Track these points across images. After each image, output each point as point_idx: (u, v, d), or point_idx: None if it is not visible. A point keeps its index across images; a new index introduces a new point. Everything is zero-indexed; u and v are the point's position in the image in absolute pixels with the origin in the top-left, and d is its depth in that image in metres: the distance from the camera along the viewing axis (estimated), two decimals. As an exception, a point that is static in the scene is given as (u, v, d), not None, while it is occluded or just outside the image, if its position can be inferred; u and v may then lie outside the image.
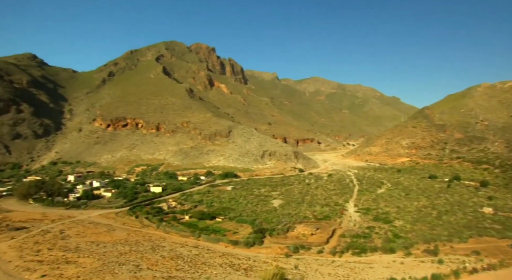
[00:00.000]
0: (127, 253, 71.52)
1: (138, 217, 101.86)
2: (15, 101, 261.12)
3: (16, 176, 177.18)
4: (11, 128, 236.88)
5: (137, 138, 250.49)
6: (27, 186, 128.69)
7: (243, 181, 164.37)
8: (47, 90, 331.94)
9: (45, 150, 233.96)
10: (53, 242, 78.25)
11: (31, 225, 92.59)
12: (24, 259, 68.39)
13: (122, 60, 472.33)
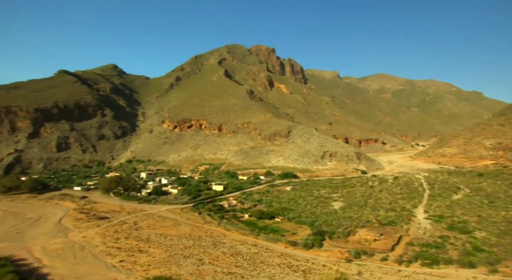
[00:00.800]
0: (191, 247, 76.00)
1: (201, 213, 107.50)
2: (100, 106, 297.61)
3: (100, 172, 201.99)
4: (97, 130, 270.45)
5: (201, 139, 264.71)
6: (109, 181, 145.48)
7: (303, 181, 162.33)
8: (125, 95, 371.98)
9: (122, 149, 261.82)
10: (129, 232, 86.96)
11: (111, 216, 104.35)
12: (106, 245, 77.35)
13: (188, 65, 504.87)
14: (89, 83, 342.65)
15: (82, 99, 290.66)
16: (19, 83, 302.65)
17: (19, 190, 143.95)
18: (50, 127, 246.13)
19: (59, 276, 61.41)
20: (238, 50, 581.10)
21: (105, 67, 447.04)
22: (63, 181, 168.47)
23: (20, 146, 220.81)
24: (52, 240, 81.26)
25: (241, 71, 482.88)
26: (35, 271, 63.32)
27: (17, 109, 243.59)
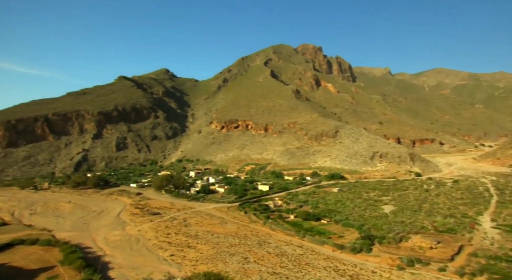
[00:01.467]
0: (236, 245, 77.48)
1: (247, 212, 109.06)
2: (154, 109, 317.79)
3: (153, 170, 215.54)
4: (151, 131, 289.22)
5: (247, 139, 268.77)
6: (161, 179, 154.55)
7: (350, 183, 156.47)
8: (176, 98, 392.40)
9: (173, 149, 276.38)
10: (179, 228, 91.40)
11: (163, 212, 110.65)
12: (158, 239, 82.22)
13: (235, 66, 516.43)
14: (144, 87, 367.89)
15: (138, 102, 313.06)
16: (86, 89, 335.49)
17: (86, 186, 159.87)
18: (111, 129, 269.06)
19: (118, 265, 66.77)
20: (284, 50, 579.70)
21: (158, 72, 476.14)
22: (121, 178, 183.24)
23: (87, 146, 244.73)
24: (112, 232, 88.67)
25: (287, 71, 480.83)
26: (99, 259, 69.69)
27: (84, 113, 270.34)
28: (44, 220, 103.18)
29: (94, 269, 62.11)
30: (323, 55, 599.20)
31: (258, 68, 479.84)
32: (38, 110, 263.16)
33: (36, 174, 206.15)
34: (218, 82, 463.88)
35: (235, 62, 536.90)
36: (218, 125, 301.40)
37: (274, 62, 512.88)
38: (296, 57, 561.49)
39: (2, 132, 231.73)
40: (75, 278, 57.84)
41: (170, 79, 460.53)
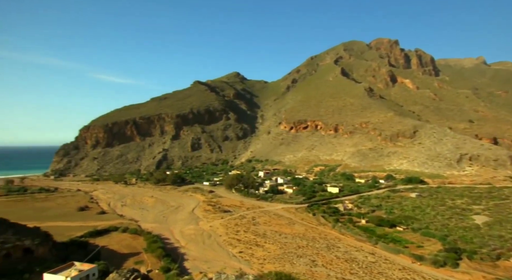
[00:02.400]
0: (304, 247, 76.21)
1: (315, 214, 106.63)
2: (225, 110, 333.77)
3: (224, 169, 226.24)
4: (222, 132, 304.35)
5: (316, 139, 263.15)
6: (231, 178, 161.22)
7: (432, 188, 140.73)
8: (246, 100, 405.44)
9: (243, 149, 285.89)
10: (247, 226, 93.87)
11: (233, 210, 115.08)
12: (228, 236, 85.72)
13: (304, 66, 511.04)
14: (217, 90, 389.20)
15: (211, 105, 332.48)
16: (167, 95, 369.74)
17: (165, 182, 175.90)
18: (187, 130, 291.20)
19: (192, 257, 71.58)
20: (355, 47, 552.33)
21: (229, 75, 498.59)
22: (196, 177, 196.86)
23: (166, 146, 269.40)
24: (187, 226, 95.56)
25: (359, 68, 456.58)
26: (176, 250, 75.77)
27: (165, 116, 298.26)
28: (132, 212, 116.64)
29: (172, 259, 67.78)
30: (399, 49, 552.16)
31: (327, 67, 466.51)
32: (128, 114, 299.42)
33: (126, 170, 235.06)
34: (287, 83, 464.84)
35: (304, 62, 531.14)
36: (287, 126, 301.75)
37: (345, 60, 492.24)
38: (369, 53, 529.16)
39: (102, 134, 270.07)
40: (156, 265, 63.81)
41: (241, 81, 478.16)
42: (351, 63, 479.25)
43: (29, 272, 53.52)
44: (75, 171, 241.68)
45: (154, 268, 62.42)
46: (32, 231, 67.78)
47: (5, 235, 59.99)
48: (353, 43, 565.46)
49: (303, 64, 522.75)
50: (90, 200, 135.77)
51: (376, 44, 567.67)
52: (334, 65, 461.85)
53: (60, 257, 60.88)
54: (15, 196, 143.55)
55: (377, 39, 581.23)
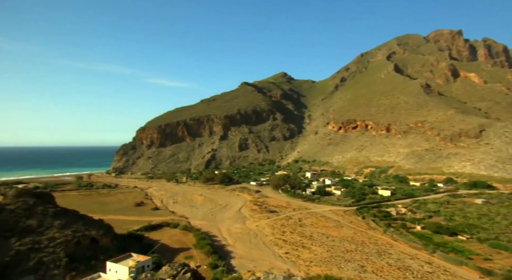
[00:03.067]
0: (352, 251, 73.29)
1: (364, 218, 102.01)
2: (272, 111, 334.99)
3: (271, 170, 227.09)
4: (269, 132, 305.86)
5: (366, 140, 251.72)
6: (278, 178, 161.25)
7: (502, 194, 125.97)
8: (293, 100, 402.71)
9: (290, 150, 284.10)
10: (294, 227, 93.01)
11: (279, 210, 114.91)
12: (274, 236, 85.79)
13: (353, 64, 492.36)
14: (264, 91, 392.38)
15: (258, 105, 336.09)
16: (215, 96, 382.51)
17: (214, 181, 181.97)
18: (235, 131, 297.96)
19: (239, 255, 72.97)
20: (411, 40, 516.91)
21: (276, 76, 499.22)
22: (243, 176, 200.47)
23: (215, 146, 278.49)
24: (234, 225, 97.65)
25: (415, 64, 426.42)
26: (224, 248, 77.90)
27: (214, 117, 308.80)
28: (183, 209, 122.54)
29: (219, 256, 69.81)
30: (463, 40, 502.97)
31: (379, 63, 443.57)
32: (179, 116, 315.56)
33: (177, 169, 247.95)
34: (335, 82, 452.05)
35: (354, 59, 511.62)
36: (335, 126, 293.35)
37: (399, 55, 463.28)
38: (427, 46, 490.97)
39: (156, 135, 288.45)
40: (204, 261, 66.22)
41: (288, 81, 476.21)
42: (405, 58, 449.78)
43: (95, 259, 59.10)
44: (133, 169, 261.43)
45: (203, 264, 64.80)
46: (97, 223, 74.74)
47: (76, 225, 67.04)
48: (408, 37, 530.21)
49: (352, 62, 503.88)
50: (145, 197, 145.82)
51: (435, 36, 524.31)
52: (387, 61, 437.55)
53: (119, 248, 66.16)
54: (83, 191, 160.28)
55: (436, 31, 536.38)
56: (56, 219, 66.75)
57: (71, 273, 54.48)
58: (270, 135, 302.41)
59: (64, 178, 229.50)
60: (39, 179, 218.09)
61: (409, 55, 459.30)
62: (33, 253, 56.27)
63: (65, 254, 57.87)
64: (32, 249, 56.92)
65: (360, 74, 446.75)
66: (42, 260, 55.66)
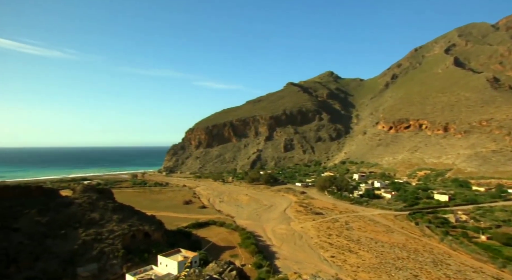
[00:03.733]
0: (404, 259, 68.90)
1: (418, 224, 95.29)
2: (318, 111, 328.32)
3: (317, 171, 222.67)
4: (315, 133, 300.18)
5: (420, 140, 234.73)
6: (324, 180, 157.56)
7: None
8: (340, 99, 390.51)
9: (337, 151, 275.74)
10: (340, 230, 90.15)
11: (325, 212, 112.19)
12: (320, 239, 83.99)
13: (406, 60, 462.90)
14: (309, 91, 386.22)
15: (304, 105, 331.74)
16: (261, 97, 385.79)
17: (259, 181, 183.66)
18: (280, 131, 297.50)
19: (283, 256, 72.73)
20: (475, 30, 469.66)
21: (323, 75, 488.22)
22: (288, 177, 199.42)
23: (260, 146, 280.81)
24: (279, 225, 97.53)
25: (480, 56, 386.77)
26: (268, 248, 78.22)
27: (259, 118, 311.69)
28: (228, 208, 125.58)
29: (264, 256, 70.22)
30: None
31: (436, 57, 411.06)
32: (225, 117, 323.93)
33: (224, 169, 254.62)
34: (385, 79, 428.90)
35: (407, 54, 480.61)
36: (385, 126, 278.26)
37: (460, 48, 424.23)
38: (495, 35, 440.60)
39: (203, 136, 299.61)
40: (249, 260, 67.11)
41: (334, 81, 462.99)
42: (468, 50, 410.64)
43: (147, 252, 63.24)
44: (182, 169, 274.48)
45: (247, 263, 65.71)
46: (150, 218, 79.88)
47: (132, 220, 72.45)
48: (472, 26, 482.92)
49: (405, 58, 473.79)
50: (193, 195, 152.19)
51: (507, 23, 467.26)
52: (445, 54, 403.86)
53: (169, 243, 69.93)
54: (138, 188, 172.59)
55: (508, 17, 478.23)
56: (114, 213, 72.74)
57: (127, 264, 58.89)
58: (316, 136, 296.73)
59: (121, 176, 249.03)
60: (101, 177, 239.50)
61: (472, 46, 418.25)
62: (96, 243, 61.94)
63: (122, 246, 62.77)
64: (95, 239, 62.70)
65: (413, 70, 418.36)
66: (103, 250, 61.01)
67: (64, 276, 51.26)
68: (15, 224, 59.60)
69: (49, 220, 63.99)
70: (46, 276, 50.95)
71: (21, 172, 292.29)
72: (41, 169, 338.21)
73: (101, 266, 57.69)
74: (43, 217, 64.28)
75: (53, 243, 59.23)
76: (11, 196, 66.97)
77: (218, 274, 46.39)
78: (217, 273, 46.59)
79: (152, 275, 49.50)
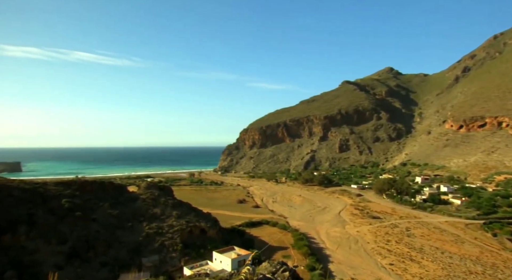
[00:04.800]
0: (478, 274, 61.81)
1: (496, 235, 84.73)
2: (376, 110, 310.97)
3: (374, 173, 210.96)
4: (373, 133, 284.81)
5: (499, 140, 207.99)
6: (382, 182, 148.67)
7: None
8: (400, 97, 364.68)
9: (396, 151, 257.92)
10: (400, 237, 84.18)
11: (383, 217, 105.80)
12: (377, 244, 79.49)
13: (481, 50, 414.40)
14: (366, 89, 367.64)
15: (360, 104, 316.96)
16: (315, 97, 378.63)
17: (312, 182, 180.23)
18: (335, 131, 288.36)
19: (337, 260, 70.37)
20: None
21: (381, 72, 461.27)
22: (343, 179, 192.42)
23: (314, 147, 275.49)
24: (333, 228, 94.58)
25: None
26: (321, 251, 76.39)
27: (313, 118, 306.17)
28: (281, 208, 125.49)
29: (317, 258, 68.68)
30: None
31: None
32: (279, 117, 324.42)
33: (277, 170, 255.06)
34: (455, 73, 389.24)
35: (483, 44, 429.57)
36: (454, 124, 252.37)
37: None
38: None
39: (257, 136, 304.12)
40: (302, 262, 66.22)
41: (394, 77, 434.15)
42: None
43: (203, 248, 66.19)
44: (236, 168, 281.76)
45: (300, 264, 64.88)
46: (206, 216, 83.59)
47: (189, 216, 76.61)
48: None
49: (480, 47, 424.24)
50: (247, 195, 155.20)
51: None
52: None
53: (223, 240, 72.26)
54: (195, 186, 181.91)
55: None
56: (174, 210, 77.55)
57: (185, 258, 62.29)
58: (373, 136, 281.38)
59: (180, 174, 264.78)
60: (162, 175, 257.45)
61: None
62: (158, 237, 66.68)
63: (180, 240, 66.63)
64: (157, 233, 67.55)
65: (491, 61, 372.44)
66: (164, 243, 65.43)
67: (132, 264, 56.06)
68: (93, 215, 66.93)
69: (119, 213, 70.63)
70: (117, 262, 56.28)
71: (96, 169, 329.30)
72: (112, 166, 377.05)
73: (162, 258, 61.92)
74: (114, 210, 71.14)
75: (122, 234, 65.25)
76: (90, 190, 75.35)
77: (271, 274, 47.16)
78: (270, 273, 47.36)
79: (207, 270, 51.64)
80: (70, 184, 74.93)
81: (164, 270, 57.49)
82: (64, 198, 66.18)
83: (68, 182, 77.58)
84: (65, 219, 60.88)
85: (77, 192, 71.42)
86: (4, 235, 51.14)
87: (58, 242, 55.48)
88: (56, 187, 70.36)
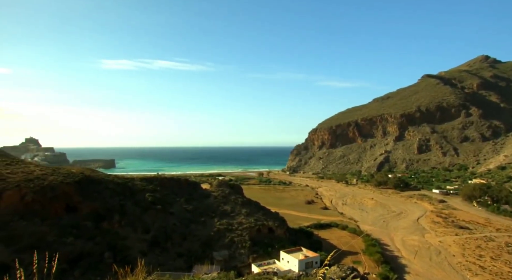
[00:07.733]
0: None
1: None
2: (465, 105, 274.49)
3: (461, 177, 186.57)
4: (460, 131, 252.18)
5: None
6: (472, 188, 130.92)
7: None
8: (498, 89, 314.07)
9: (492, 153, 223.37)
10: (497, 253, 72.97)
11: (473, 227, 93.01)
12: (465, 258, 70.31)
13: None
14: (453, 83, 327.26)
15: (444, 100, 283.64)
16: (390, 94, 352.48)
17: (386, 185, 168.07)
18: (413, 130, 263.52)
19: (414, 271, 64.34)
20: None
21: (472, 61, 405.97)
22: (422, 182, 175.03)
23: (389, 147, 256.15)
24: (410, 236, 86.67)
25: None
26: (396, 259, 70.72)
27: (387, 116, 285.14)
28: (352, 211, 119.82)
29: (391, 267, 63.75)
30: None
31: None
32: (350, 116, 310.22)
33: (347, 171, 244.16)
34: None
35: None
36: None
37: None
38: None
39: (327, 136, 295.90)
40: (373, 270, 62.26)
41: (490, 66, 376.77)
42: None
43: (271, 247, 67.12)
44: (304, 169, 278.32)
45: (372, 272, 61.10)
46: (274, 215, 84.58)
47: (257, 215, 78.54)
48: None
49: None
50: (315, 196, 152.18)
51: None
52: None
53: (291, 240, 72.12)
54: (263, 186, 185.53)
55: None
56: (243, 208, 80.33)
57: (253, 255, 63.94)
58: (460, 135, 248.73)
59: (249, 173, 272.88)
60: (232, 173, 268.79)
61: None
62: (228, 233, 69.86)
63: (249, 237, 68.65)
64: (227, 229, 70.81)
65: None
66: (233, 239, 68.25)
67: (204, 256, 59.84)
68: (171, 208, 73.43)
69: (193, 208, 76.02)
70: (191, 254, 60.70)
71: (175, 167, 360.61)
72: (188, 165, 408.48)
73: (231, 253, 64.65)
74: (189, 205, 76.82)
75: (196, 228, 70.06)
76: (168, 186, 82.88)
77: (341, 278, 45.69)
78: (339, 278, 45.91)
79: (274, 268, 52.16)
80: (152, 180, 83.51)
81: (233, 266, 59.92)
82: (147, 193, 74.05)
83: (150, 178, 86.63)
84: (148, 211, 68.04)
85: (158, 187, 79.08)
86: (103, 221, 59.48)
87: (142, 231, 62.32)
88: (141, 182, 79.12)
